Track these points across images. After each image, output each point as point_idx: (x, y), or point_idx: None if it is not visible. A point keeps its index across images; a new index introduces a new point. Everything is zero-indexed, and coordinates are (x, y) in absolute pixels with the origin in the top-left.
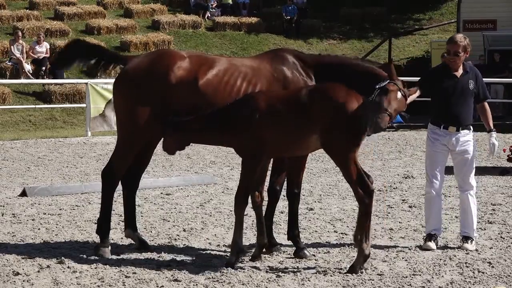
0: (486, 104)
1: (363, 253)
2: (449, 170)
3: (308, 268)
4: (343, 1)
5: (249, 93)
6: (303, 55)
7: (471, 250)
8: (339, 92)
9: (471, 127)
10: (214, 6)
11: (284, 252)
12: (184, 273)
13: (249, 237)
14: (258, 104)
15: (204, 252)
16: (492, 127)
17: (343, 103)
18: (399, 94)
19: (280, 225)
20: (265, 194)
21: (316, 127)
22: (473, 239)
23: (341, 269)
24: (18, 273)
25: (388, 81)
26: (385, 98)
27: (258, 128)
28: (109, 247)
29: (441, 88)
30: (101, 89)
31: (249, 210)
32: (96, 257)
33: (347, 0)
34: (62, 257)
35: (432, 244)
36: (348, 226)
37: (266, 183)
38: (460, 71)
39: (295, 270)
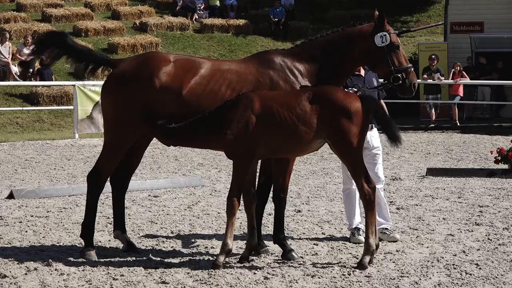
0: (382, 102)
1: (371, 247)
2: (436, 172)
3: (296, 270)
4: (330, 3)
5: (243, 93)
6: (290, 51)
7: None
8: (339, 94)
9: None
10: (201, 8)
11: (272, 254)
12: (172, 275)
13: (237, 238)
14: (253, 104)
15: (191, 254)
16: None
17: (346, 105)
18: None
19: (268, 227)
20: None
21: (320, 132)
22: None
23: (330, 269)
24: (5, 276)
25: (388, 31)
26: (400, 55)
27: (252, 129)
28: (95, 250)
29: (353, 86)
30: (88, 91)
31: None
32: (83, 260)
33: (334, 2)
34: (50, 260)
35: (361, 238)
36: (335, 228)
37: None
38: (362, 71)
39: (283, 272)
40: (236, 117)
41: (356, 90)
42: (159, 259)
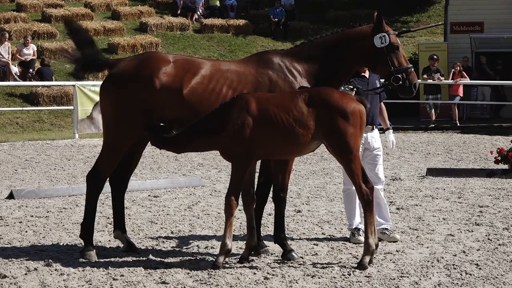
0: (383, 104)
1: (370, 247)
2: (436, 172)
3: (296, 270)
4: (330, 3)
5: (239, 94)
6: (290, 51)
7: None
8: (335, 95)
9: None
10: (201, 8)
11: (272, 254)
12: (172, 275)
13: (237, 239)
14: (249, 106)
15: (191, 254)
16: (389, 125)
17: (342, 106)
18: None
19: (268, 227)
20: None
21: (317, 133)
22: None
23: (330, 269)
24: (5, 276)
25: (387, 32)
26: (399, 55)
27: (249, 130)
28: (95, 250)
29: (348, 85)
30: (88, 91)
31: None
32: (83, 260)
33: (334, 2)
34: (50, 260)
35: (361, 238)
36: (335, 228)
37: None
38: (367, 72)
39: (283, 272)
40: (232, 118)
41: (351, 87)
42: (159, 259)
